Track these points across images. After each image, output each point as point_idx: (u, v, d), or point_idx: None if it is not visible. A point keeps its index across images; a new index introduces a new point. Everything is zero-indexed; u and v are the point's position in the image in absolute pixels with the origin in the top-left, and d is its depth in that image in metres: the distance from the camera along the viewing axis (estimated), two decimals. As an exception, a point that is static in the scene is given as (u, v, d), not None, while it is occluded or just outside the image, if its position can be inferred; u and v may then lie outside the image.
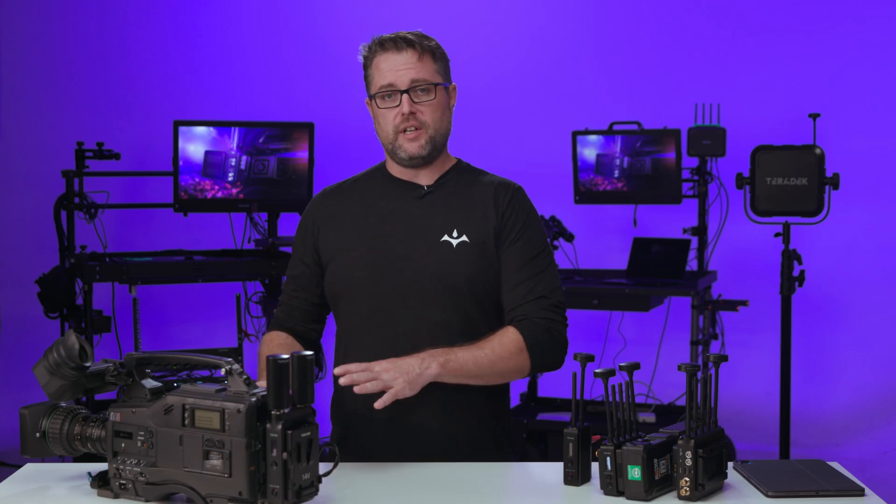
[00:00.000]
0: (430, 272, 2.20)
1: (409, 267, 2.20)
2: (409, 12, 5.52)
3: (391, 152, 2.25)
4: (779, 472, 1.94)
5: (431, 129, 2.22)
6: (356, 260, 2.23)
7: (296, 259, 2.35)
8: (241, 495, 1.64)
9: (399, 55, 2.19)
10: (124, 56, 5.76)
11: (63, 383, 1.81)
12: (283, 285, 2.39)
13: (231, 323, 4.50)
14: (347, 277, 2.24)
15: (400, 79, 2.18)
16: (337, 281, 2.26)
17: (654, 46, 5.59)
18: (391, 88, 2.19)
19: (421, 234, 2.23)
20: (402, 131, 2.20)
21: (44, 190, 5.04)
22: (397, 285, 2.20)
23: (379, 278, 2.21)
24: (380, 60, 2.21)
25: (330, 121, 5.26)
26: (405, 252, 2.22)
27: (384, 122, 2.22)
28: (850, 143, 5.17)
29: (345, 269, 2.24)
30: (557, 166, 5.20)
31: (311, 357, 1.67)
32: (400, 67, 2.19)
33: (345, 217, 2.29)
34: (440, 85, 2.22)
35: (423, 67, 2.20)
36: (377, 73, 2.21)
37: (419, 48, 2.20)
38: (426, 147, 2.22)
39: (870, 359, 5.33)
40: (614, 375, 1.87)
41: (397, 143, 2.22)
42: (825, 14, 5.41)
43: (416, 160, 2.23)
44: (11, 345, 5.09)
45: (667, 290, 4.59)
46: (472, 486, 1.94)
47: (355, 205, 2.30)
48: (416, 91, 2.19)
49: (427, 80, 2.20)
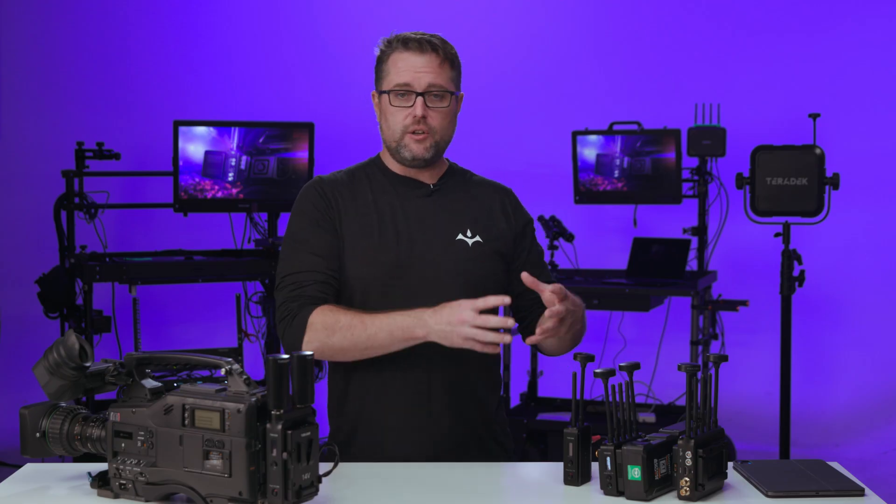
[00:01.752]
0: (447, 270, 2.20)
1: (425, 264, 2.20)
2: (409, 12, 5.52)
3: (394, 150, 2.24)
4: (779, 472, 1.94)
5: (438, 134, 2.22)
6: (369, 255, 2.19)
7: (318, 234, 2.19)
8: (241, 495, 1.64)
9: (420, 57, 2.19)
10: (124, 56, 5.76)
11: (63, 383, 1.81)
12: (299, 258, 2.18)
13: (231, 323, 4.51)
14: (360, 273, 2.20)
15: (418, 81, 2.18)
16: (348, 276, 2.20)
17: (654, 46, 5.59)
18: (407, 88, 2.19)
19: (435, 232, 2.23)
20: (410, 132, 2.20)
21: (44, 190, 5.04)
22: (412, 282, 2.19)
23: (393, 275, 2.19)
24: (400, 58, 2.20)
25: (330, 121, 5.26)
26: (420, 249, 2.21)
27: (393, 120, 2.21)
28: (850, 143, 5.17)
29: (357, 264, 2.20)
30: (557, 166, 5.20)
31: (311, 357, 1.66)
32: (420, 70, 2.18)
33: (354, 208, 2.24)
34: (453, 93, 2.23)
35: (442, 73, 2.20)
36: (394, 69, 2.20)
37: (441, 54, 2.20)
38: (430, 151, 2.22)
39: (870, 359, 5.34)
40: (614, 375, 1.87)
41: (403, 142, 2.21)
42: (825, 14, 5.41)
43: (419, 162, 2.23)
44: (11, 345, 5.09)
45: (667, 290, 4.59)
46: (472, 486, 1.94)
47: (358, 198, 2.25)
48: (430, 96, 2.19)
49: (443, 87, 2.20)
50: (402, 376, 2.19)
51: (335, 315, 2.10)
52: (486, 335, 1.96)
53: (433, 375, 2.19)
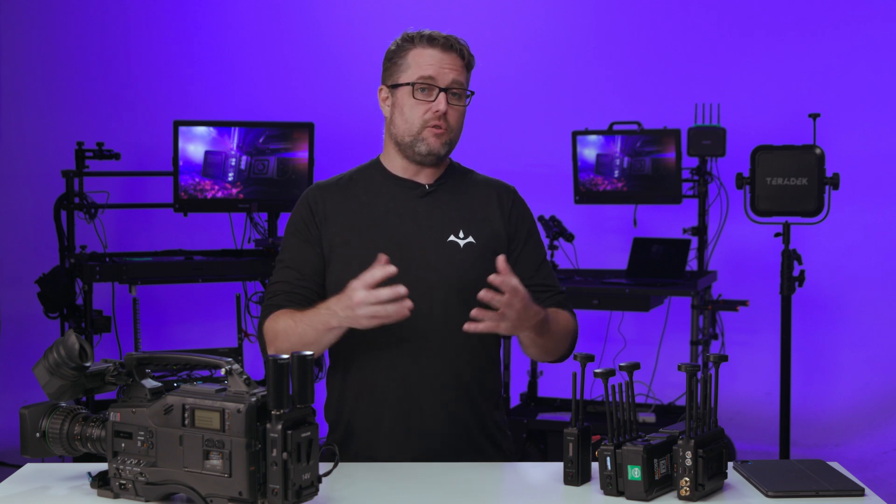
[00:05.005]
0: (438, 271, 2.20)
1: (416, 266, 2.19)
2: (410, 12, 5.52)
3: (407, 144, 2.22)
4: (779, 472, 1.94)
5: (453, 132, 2.24)
6: (360, 257, 2.18)
7: (300, 248, 2.24)
8: (241, 495, 1.64)
9: (445, 54, 2.20)
10: (124, 56, 5.76)
11: (63, 383, 1.81)
12: (279, 272, 2.25)
13: (231, 323, 4.51)
14: (350, 276, 2.16)
15: (443, 76, 2.19)
16: (339, 279, 2.19)
17: (655, 46, 5.59)
18: (431, 82, 2.19)
19: (426, 233, 2.23)
20: (430, 126, 2.20)
21: (44, 190, 5.04)
22: (403, 284, 2.18)
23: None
24: (424, 53, 2.20)
25: (330, 121, 5.26)
26: (411, 251, 2.20)
27: (411, 114, 2.21)
28: (850, 143, 5.18)
29: (347, 266, 2.19)
30: (557, 166, 5.21)
31: (311, 357, 1.66)
32: (445, 66, 2.20)
33: (345, 213, 2.25)
34: (470, 94, 2.26)
35: (463, 73, 2.23)
36: (416, 63, 2.20)
37: (465, 54, 2.23)
38: (446, 147, 2.23)
39: (870, 359, 5.34)
40: (614, 375, 1.87)
41: (421, 136, 2.21)
42: (825, 14, 5.41)
43: (433, 157, 2.23)
44: (11, 345, 5.09)
45: (667, 290, 4.59)
46: (471, 486, 1.94)
47: (355, 202, 2.26)
48: (450, 93, 2.21)
49: (463, 86, 2.23)
50: (397, 377, 2.19)
51: (277, 321, 2.15)
52: (385, 309, 1.96)
53: (427, 377, 2.19)
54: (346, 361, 2.24)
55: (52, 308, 4.50)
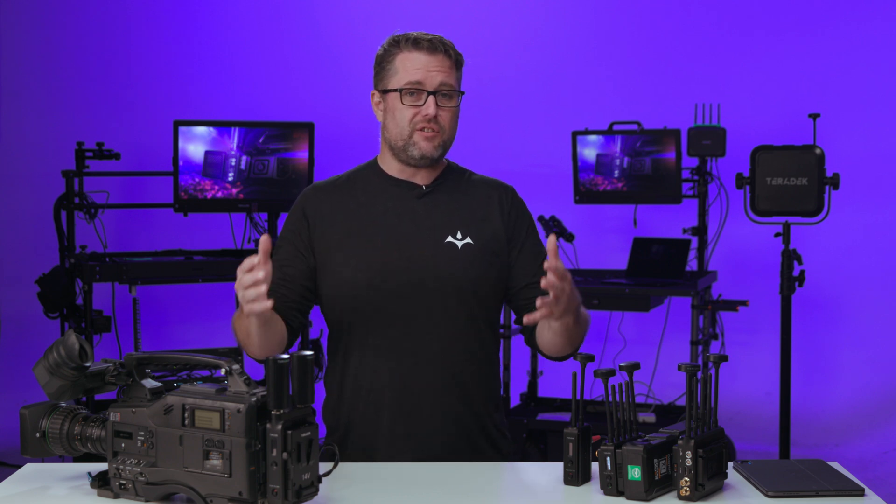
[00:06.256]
0: (436, 273, 2.19)
1: (414, 267, 2.18)
2: (409, 12, 5.53)
3: (400, 148, 2.22)
4: (779, 472, 1.94)
5: (447, 134, 2.23)
6: (357, 259, 2.20)
7: (287, 250, 2.24)
8: (241, 495, 1.64)
9: (432, 57, 2.20)
10: (124, 56, 5.76)
11: (63, 383, 1.81)
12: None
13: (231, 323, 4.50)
14: (348, 277, 2.20)
15: (430, 79, 2.19)
16: (336, 281, 2.21)
17: (655, 46, 5.59)
18: (418, 87, 2.19)
19: (424, 235, 2.22)
20: (420, 129, 2.20)
21: (44, 190, 5.05)
22: (400, 285, 2.18)
23: (381, 278, 2.18)
24: (409, 57, 2.20)
25: (330, 121, 5.26)
26: (409, 252, 2.20)
27: (401, 118, 2.20)
28: (850, 143, 5.18)
29: (344, 268, 2.20)
30: (557, 166, 5.21)
31: (311, 357, 1.66)
32: (432, 69, 2.19)
33: (342, 214, 2.25)
34: (461, 94, 2.24)
35: (451, 74, 2.22)
36: (404, 68, 2.20)
37: (452, 54, 2.22)
38: (439, 149, 2.22)
39: (870, 359, 5.34)
40: (614, 375, 1.87)
41: (412, 140, 2.20)
42: (825, 14, 5.41)
43: (426, 160, 2.22)
44: (11, 345, 5.09)
45: (667, 290, 4.59)
46: (471, 486, 1.94)
47: (352, 202, 2.26)
48: (440, 95, 2.20)
49: (452, 87, 2.21)
50: (395, 378, 2.19)
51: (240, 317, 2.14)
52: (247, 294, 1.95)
53: (426, 377, 2.19)
54: (344, 361, 2.24)
55: (52, 308, 4.50)
